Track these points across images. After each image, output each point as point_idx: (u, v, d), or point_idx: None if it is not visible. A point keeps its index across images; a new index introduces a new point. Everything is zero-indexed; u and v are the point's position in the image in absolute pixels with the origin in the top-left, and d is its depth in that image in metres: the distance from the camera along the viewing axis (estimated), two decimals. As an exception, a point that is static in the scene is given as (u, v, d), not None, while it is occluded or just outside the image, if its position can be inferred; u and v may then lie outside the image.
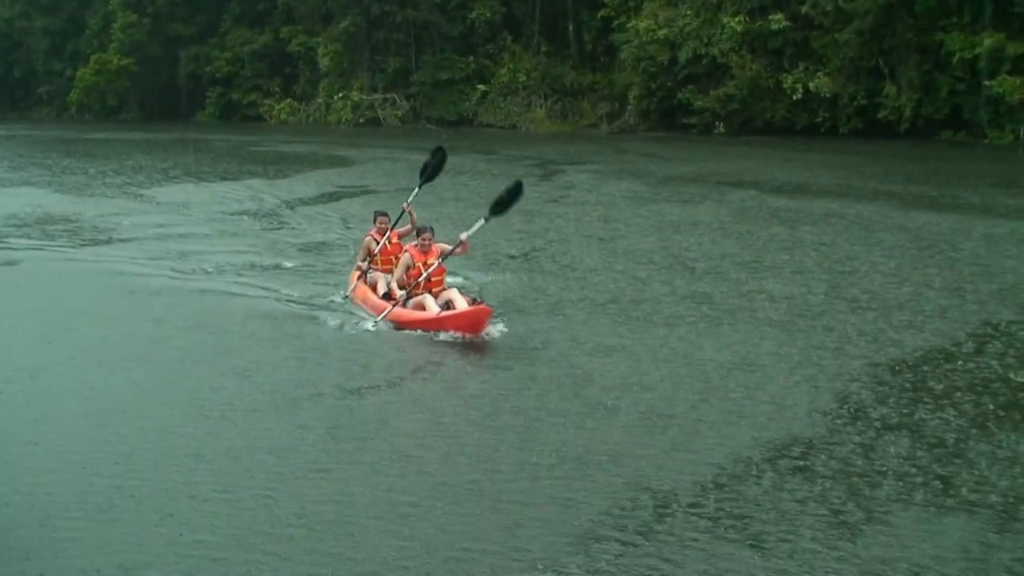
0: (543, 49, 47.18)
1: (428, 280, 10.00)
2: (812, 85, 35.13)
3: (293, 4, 56.45)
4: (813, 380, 7.95)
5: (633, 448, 6.52)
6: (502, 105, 47.39)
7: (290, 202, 20.61)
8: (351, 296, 11.00)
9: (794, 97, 35.79)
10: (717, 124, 38.41)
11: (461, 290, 10.40)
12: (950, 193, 20.33)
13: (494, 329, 9.51)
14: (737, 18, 36.62)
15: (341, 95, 52.72)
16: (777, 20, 35.76)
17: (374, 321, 9.97)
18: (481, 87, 48.28)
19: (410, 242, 10.67)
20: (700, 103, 38.18)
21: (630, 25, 39.81)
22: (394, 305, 9.97)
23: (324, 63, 53.60)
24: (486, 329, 9.42)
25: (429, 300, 9.88)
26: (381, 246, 11.15)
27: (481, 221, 10.25)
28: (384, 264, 11.09)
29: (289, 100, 57.02)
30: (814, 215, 17.31)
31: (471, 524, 5.46)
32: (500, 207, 10.25)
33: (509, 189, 10.28)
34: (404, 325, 9.85)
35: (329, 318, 10.27)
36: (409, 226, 11.37)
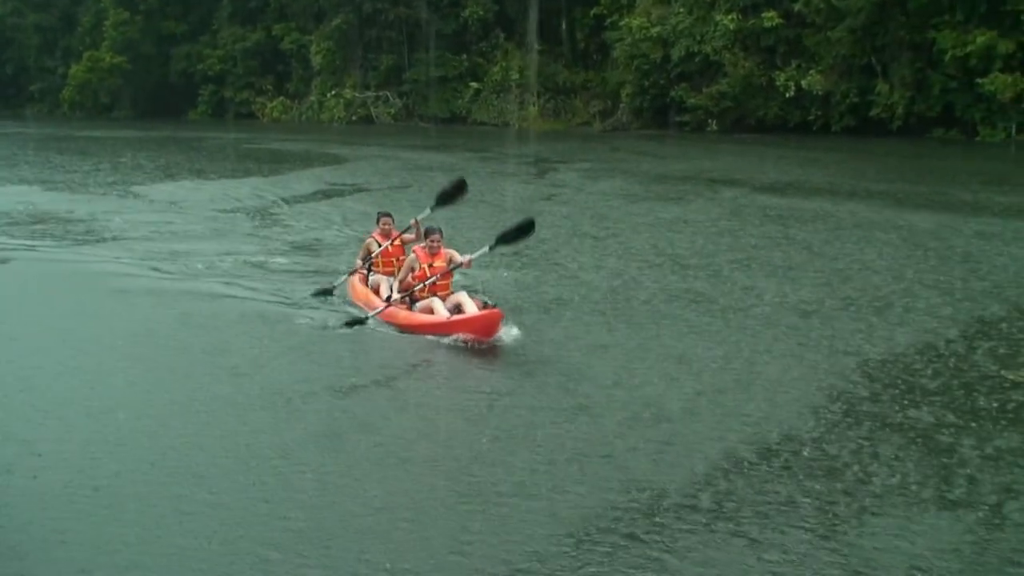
0: (536, 47, 47.24)
1: (434, 284, 9.63)
2: (805, 83, 35.24)
3: (285, 2, 56.46)
4: (805, 377, 7.96)
5: (625, 445, 6.52)
6: (495, 103, 47.46)
7: (283, 200, 20.56)
8: (351, 298, 10.79)
9: (787, 95, 35.91)
10: (710, 122, 38.49)
11: (469, 292, 9.87)
12: (942, 191, 20.41)
13: (506, 334, 9.01)
14: (730, 16, 36.73)
15: (334, 93, 52.74)
16: (770, 18, 35.88)
17: (366, 316, 9.79)
18: (474, 85, 48.32)
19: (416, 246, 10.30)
20: (693, 101, 38.27)
21: (623, 23, 39.91)
22: (388, 303, 9.77)
23: (317, 61, 53.62)
24: (498, 334, 8.92)
25: (437, 303, 9.43)
26: (383, 248, 10.94)
27: (485, 248, 9.67)
28: (386, 267, 10.91)
29: (282, 98, 57.05)
30: (806, 213, 17.35)
31: (461, 522, 5.46)
32: (507, 239, 9.72)
33: (520, 226, 9.66)
34: (411, 329, 9.43)
35: (327, 318, 10.15)
36: (414, 236, 10.88)
